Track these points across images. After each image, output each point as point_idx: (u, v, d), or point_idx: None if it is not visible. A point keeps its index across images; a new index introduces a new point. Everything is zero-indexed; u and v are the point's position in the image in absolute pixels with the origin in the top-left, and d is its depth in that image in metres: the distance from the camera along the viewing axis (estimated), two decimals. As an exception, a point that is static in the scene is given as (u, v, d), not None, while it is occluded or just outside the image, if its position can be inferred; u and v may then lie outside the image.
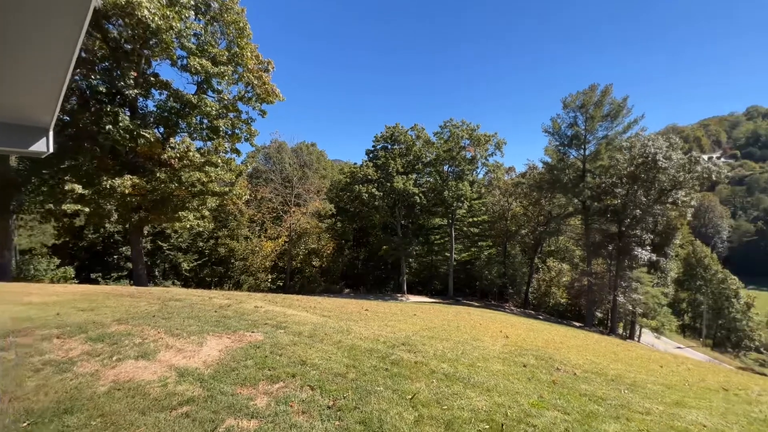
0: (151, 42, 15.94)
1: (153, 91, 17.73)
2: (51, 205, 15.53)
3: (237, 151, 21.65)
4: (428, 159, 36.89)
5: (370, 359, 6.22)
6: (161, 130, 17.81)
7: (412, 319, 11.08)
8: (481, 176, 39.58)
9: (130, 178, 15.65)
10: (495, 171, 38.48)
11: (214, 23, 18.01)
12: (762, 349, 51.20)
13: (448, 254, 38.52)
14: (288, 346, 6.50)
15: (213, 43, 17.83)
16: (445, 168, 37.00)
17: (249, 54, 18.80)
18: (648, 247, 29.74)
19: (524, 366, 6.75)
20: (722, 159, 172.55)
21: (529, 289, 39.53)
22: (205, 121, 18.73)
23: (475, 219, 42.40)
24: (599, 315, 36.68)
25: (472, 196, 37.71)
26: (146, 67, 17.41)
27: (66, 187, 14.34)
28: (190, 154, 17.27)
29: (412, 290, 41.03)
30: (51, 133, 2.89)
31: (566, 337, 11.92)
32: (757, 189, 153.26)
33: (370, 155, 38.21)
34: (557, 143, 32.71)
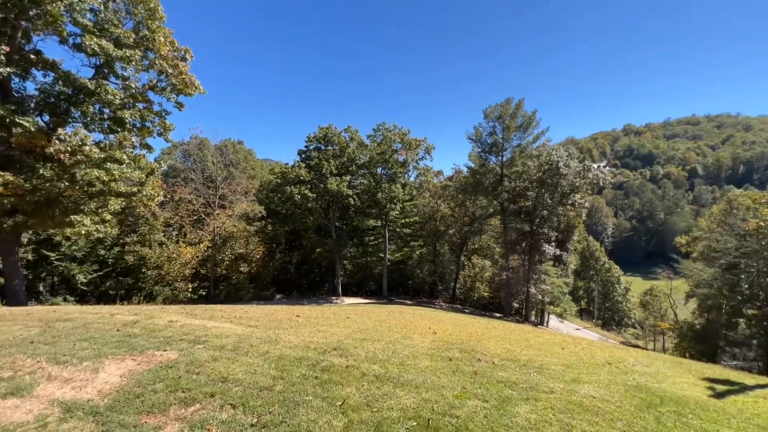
0: (30, 13, 13.33)
1: (35, 71, 14.84)
2: None
3: (148, 147, 19.20)
4: (362, 161, 37.12)
5: (300, 368, 6.01)
6: (46, 118, 14.98)
7: (345, 322, 11.00)
8: (412, 179, 41.14)
9: (1, 175, 12.87)
10: (425, 174, 40.30)
11: (117, 0, 15.77)
12: (636, 325, 62.19)
13: (382, 255, 39.21)
14: (207, 363, 5.95)
15: (116, 22, 15.57)
16: (379, 170, 37.63)
17: (162, 39, 16.84)
18: (553, 243, 33.98)
19: (450, 360, 7.16)
20: (607, 167, 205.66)
21: (457, 285, 42.21)
22: (107, 110, 16.27)
23: (408, 220, 43.89)
24: (516, 305, 40.72)
25: (404, 198, 38.96)
26: (24, 42, 14.52)
27: None
28: (86, 148, 14.81)
29: (347, 292, 40.85)
30: None
31: (487, 329, 12.98)
32: (631, 193, 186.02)
33: (303, 156, 37.12)
34: (479, 150, 35.51)
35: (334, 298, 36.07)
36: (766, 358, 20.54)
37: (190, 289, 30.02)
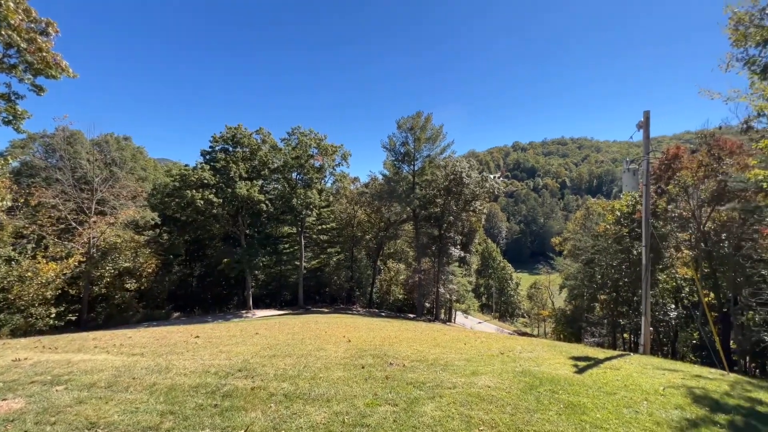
0: None
1: None
2: None
3: (-13, 138, 15.11)
4: (276, 165, 35.39)
5: (196, 397, 5.35)
6: None
7: (253, 338, 10.21)
8: (329, 185, 40.81)
9: None
10: (342, 180, 40.38)
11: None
12: (525, 314, 72.09)
13: (298, 263, 37.84)
14: (69, 407, 4.87)
15: (-65, -26, 11.94)
16: (294, 175, 36.36)
17: (11, 5, 13.50)
18: (458, 246, 37.30)
19: (363, 367, 7.21)
20: (501, 178, 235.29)
21: (373, 290, 43.07)
22: None
23: (324, 226, 43.27)
24: (427, 305, 43.39)
25: (320, 204, 38.31)
26: None
27: None
28: None
29: (259, 304, 38.20)
30: None
31: (400, 331, 13.50)
32: (520, 200, 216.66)
33: (207, 157, 33.67)
34: (393, 158, 37.15)
35: (244, 312, 33.37)
36: (613, 334, 25.82)
37: (53, 315, 24.34)
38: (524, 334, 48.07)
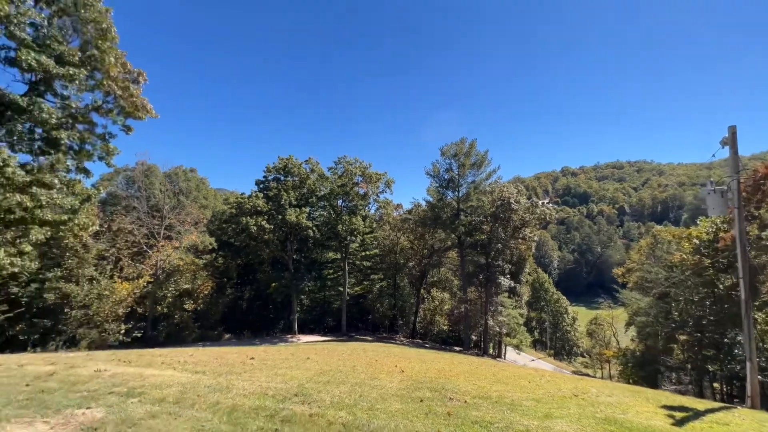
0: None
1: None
2: None
3: (86, 171, 17.44)
4: (322, 193, 36.88)
5: (257, 420, 5.30)
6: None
7: (305, 363, 10.16)
8: (372, 211, 41.42)
9: None
10: (385, 207, 40.81)
11: (65, 17, 14.84)
12: (584, 354, 65.14)
13: (342, 289, 38.08)
14: (143, 421, 5.04)
15: (60, 39, 14.54)
16: (339, 202, 37.49)
17: (112, 59, 15.94)
18: (507, 276, 35.34)
19: (421, 401, 6.77)
20: (551, 204, 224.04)
21: (417, 319, 41.77)
22: (39, 130, 14.71)
23: (368, 253, 43.51)
24: (474, 338, 40.99)
25: (364, 231, 38.81)
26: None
27: None
28: (8, 169, 13.05)
29: (303, 329, 38.65)
30: None
31: (453, 364, 12.71)
32: (572, 228, 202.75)
33: (261, 186, 36.07)
34: (437, 185, 37.00)
35: (289, 336, 33.87)
36: (700, 381, 22.25)
37: (122, 331, 26.49)
38: (585, 375, 43.23)
